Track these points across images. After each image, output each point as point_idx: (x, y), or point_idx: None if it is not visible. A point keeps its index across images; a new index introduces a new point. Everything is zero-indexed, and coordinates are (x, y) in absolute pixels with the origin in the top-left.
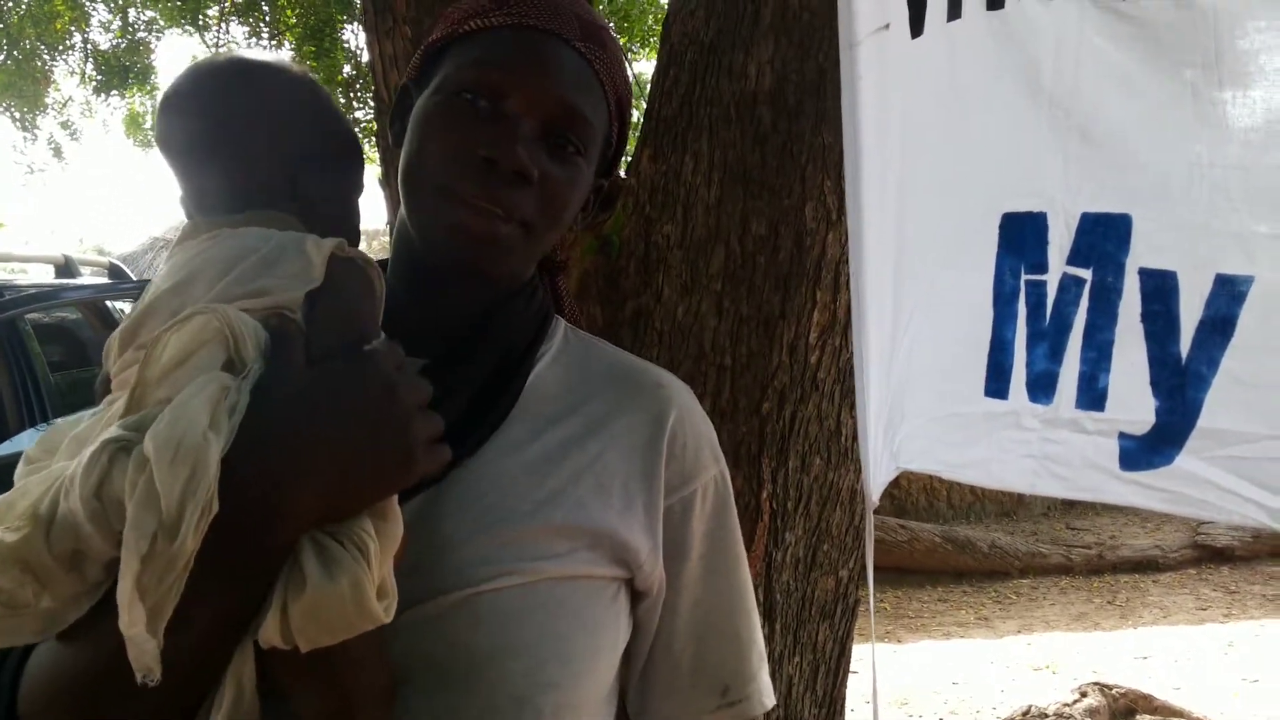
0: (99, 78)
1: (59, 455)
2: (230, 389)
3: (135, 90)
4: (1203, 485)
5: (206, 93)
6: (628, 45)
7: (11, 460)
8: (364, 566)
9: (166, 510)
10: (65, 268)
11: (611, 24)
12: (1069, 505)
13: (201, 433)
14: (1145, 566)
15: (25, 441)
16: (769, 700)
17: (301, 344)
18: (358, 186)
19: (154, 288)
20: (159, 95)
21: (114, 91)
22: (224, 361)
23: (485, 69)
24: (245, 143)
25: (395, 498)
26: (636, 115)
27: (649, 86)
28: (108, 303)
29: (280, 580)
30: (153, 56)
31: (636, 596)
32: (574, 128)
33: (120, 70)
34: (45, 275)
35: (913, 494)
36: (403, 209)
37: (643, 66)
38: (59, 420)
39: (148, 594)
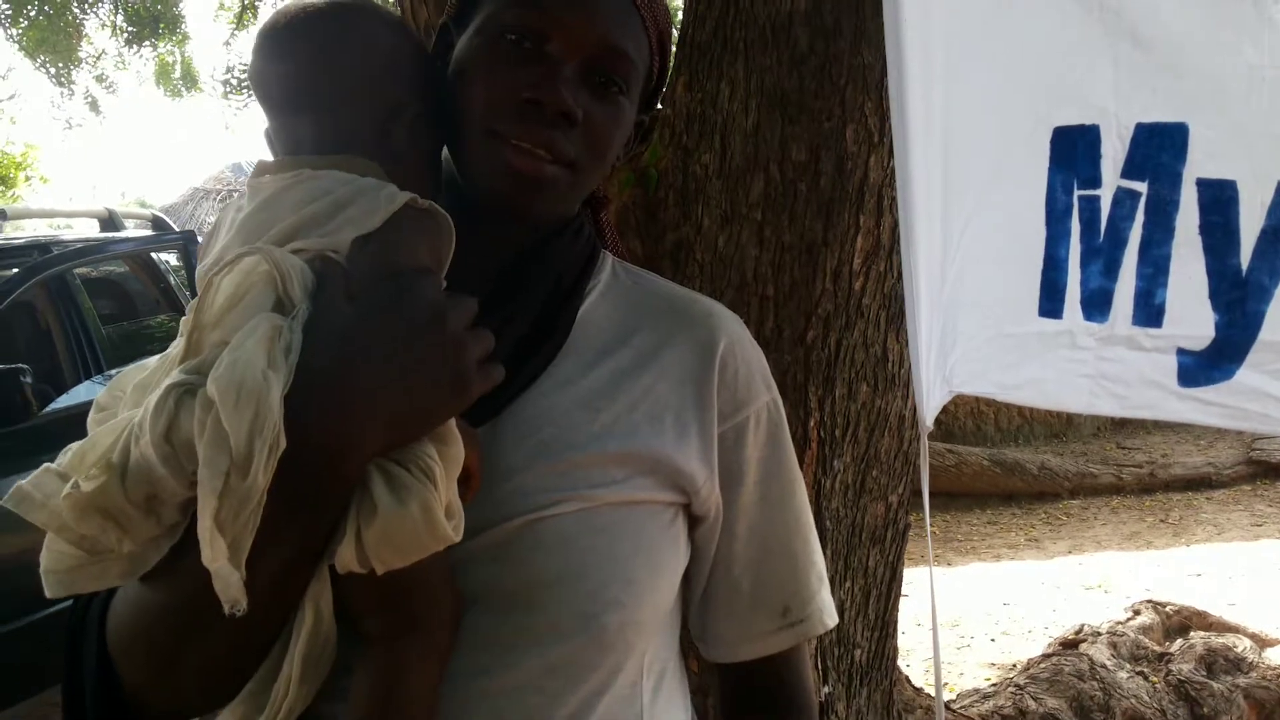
0: (130, 29)
1: (124, 404)
2: (283, 329)
3: (165, 40)
4: (1264, 399)
5: (305, 34)
6: None
7: (70, 412)
8: (431, 489)
9: (236, 449)
10: (109, 221)
11: None
12: (1119, 424)
13: (261, 373)
14: (1198, 484)
15: (82, 394)
16: (830, 620)
17: (343, 282)
18: (442, 140)
19: (235, 222)
20: (188, 45)
21: (145, 42)
22: (274, 302)
23: (526, 10)
24: (340, 88)
25: (453, 421)
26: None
27: (680, 13)
28: (152, 254)
29: (352, 508)
30: (181, 5)
31: (694, 521)
32: (617, 67)
33: (150, 20)
34: (90, 230)
35: (959, 418)
36: (446, 150)
37: None
38: (128, 368)
39: (226, 529)
